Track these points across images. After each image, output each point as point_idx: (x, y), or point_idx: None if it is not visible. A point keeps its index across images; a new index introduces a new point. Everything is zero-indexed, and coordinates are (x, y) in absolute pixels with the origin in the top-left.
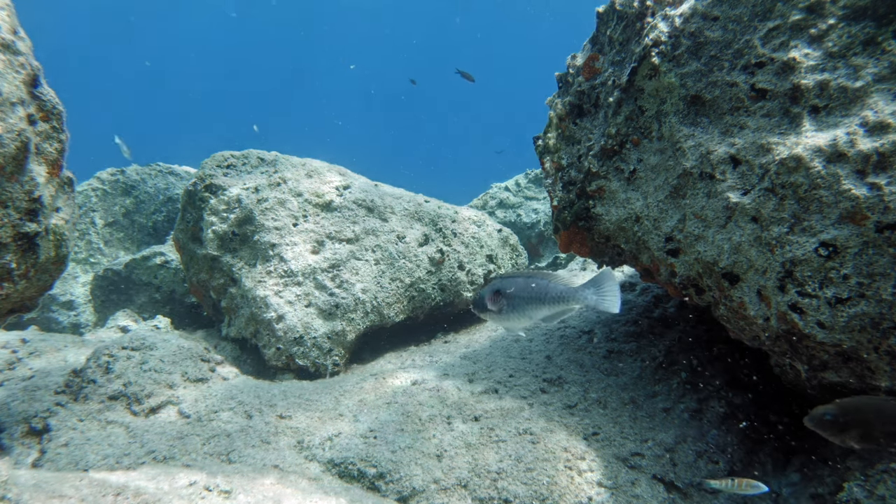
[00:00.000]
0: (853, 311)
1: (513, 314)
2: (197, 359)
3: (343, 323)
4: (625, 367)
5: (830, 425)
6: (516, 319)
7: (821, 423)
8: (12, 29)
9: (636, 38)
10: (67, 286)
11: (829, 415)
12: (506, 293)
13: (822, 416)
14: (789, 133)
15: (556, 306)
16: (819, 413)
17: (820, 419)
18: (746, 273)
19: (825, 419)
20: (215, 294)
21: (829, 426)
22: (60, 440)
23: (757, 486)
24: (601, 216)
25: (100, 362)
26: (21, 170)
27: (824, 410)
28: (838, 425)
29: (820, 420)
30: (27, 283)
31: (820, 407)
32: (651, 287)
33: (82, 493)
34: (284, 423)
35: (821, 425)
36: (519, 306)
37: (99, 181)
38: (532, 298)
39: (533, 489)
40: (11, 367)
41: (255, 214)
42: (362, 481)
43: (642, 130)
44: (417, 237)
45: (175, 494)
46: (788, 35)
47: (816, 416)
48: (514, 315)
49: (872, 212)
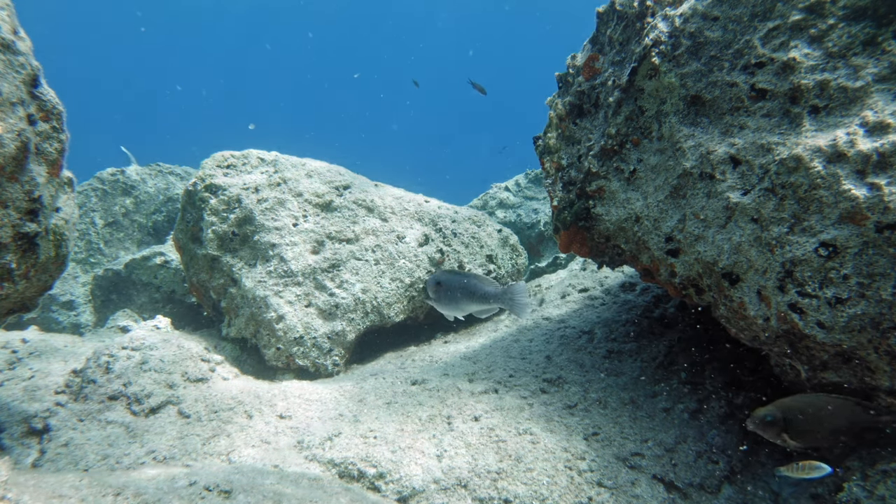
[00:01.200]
0: (853, 311)
1: (447, 303)
2: (197, 359)
3: (343, 323)
4: (625, 367)
5: (771, 426)
6: (449, 308)
7: (762, 424)
8: (12, 29)
9: (636, 38)
10: (67, 286)
11: (770, 416)
12: (443, 285)
13: (763, 418)
14: (789, 133)
15: (480, 304)
16: (760, 415)
17: (761, 421)
18: (746, 273)
19: (766, 420)
20: (215, 294)
21: (769, 427)
22: (60, 440)
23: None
24: (601, 216)
25: (100, 362)
26: (21, 170)
27: (765, 412)
28: (778, 426)
29: (761, 422)
30: (27, 283)
31: (761, 409)
32: (651, 287)
33: (82, 493)
34: (284, 422)
35: (762, 427)
36: (453, 298)
37: (99, 181)
38: (463, 294)
39: (533, 489)
40: (11, 367)
41: (255, 214)
42: (362, 481)
43: (642, 130)
44: (417, 237)
45: (175, 494)
46: (788, 35)
47: (757, 417)
48: (449, 304)
49: (872, 212)
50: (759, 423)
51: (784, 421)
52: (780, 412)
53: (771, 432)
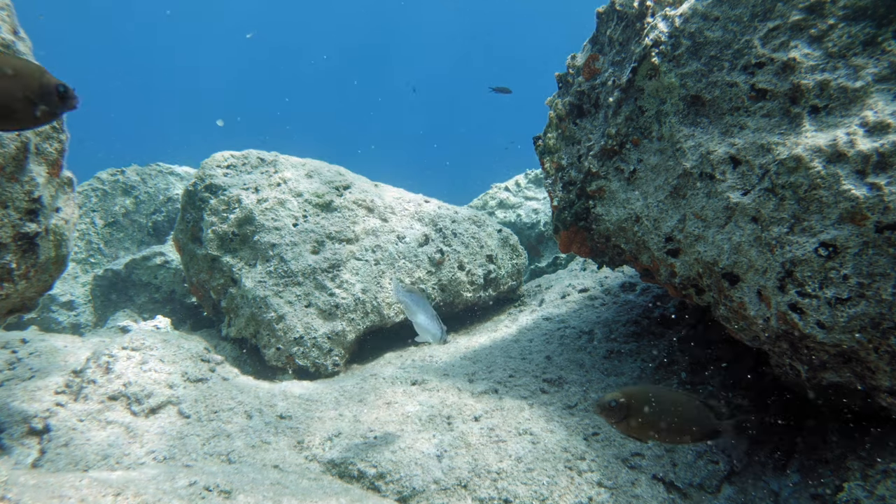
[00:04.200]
0: (853, 311)
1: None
2: (197, 359)
3: (343, 323)
4: (625, 367)
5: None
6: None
7: (606, 409)
8: (12, 29)
9: (636, 38)
10: (67, 286)
11: (614, 402)
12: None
13: (608, 403)
14: (789, 133)
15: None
16: (606, 400)
17: (606, 405)
18: (746, 273)
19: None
20: (215, 294)
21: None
22: (60, 440)
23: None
24: (601, 216)
25: (100, 362)
26: (21, 170)
27: (611, 397)
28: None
29: (606, 406)
30: (27, 284)
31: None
32: (651, 287)
33: (82, 493)
34: (284, 422)
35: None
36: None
37: (99, 181)
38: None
39: (533, 489)
40: (11, 367)
41: (255, 214)
42: (362, 481)
43: (642, 130)
44: (417, 237)
45: (175, 494)
46: (788, 35)
47: (603, 402)
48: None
49: (872, 212)
50: (603, 407)
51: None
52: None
53: (613, 418)
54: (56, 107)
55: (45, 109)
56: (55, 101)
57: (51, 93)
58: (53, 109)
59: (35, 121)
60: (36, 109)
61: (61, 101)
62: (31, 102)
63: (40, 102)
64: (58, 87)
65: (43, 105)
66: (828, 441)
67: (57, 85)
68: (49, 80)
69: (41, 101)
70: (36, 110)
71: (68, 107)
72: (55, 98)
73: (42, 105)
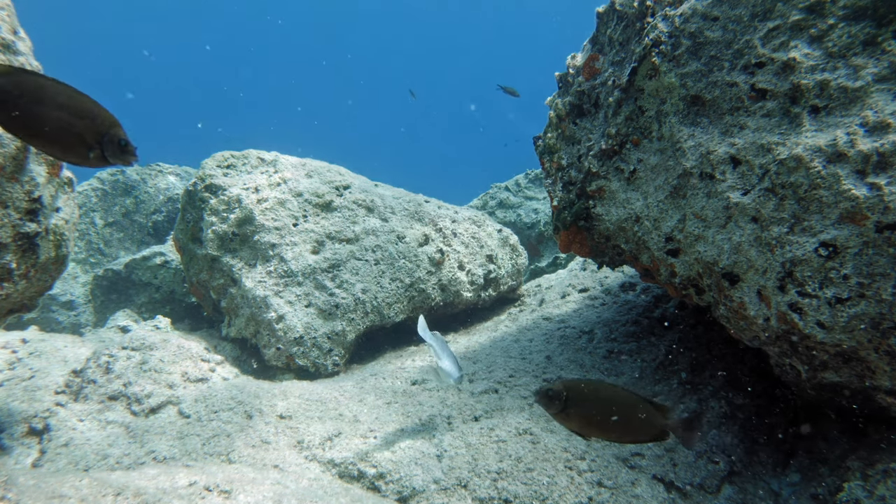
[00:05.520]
0: (853, 311)
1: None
2: (197, 359)
3: (343, 323)
4: (625, 367)
5: (551, 402)
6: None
7: (545, 399)
8: (12, 29)
9: (636, 38)
10: (67, 286)
11: (552, 391)
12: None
13: (546, 392)
14: (789, 133)
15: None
16: (544, 388)
17: (544, 395)
18: (746, 273)
19: (548, 395)
20: (215, 294)
21: (550, 403)
22: (60, 440)
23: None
24: (601, 216)
25: (100, 362)
26: (21, 170)
27: (549, 387)
28: (559, 403)
29: (544, 395)
30: (27, 283)
31: (547, 383)
32: (651, 287)
33: (82, 493)
34: (284, 422)
35: (544, 401)
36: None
37: (99, 181)
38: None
39: (533, 489)
40: (11, 367)
41: (255, 214)
42: (362, 481)
43: (642, 130)
44: (417, 237)
45: (175, 494)
46: (788, 35)
47: (542, 391)
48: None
49: (872, 212)
50: (541, 396)
51: (566, 400)
52: (563, 390)
53: (552, 409)
54: (112, 157)
55: (98, 154)
56: (114, 152)
57: (113, 143)
58: (109, 159)
59: (87, 160)
60: (91, 152)
61: (119, 154)
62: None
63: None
64: (121, 140)
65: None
66: (828, 441)
67: (121, 139)
68: (116, 133)
69: (101, 147)
70: (90, 153)
71: (124, 161)
72: (116, 149)
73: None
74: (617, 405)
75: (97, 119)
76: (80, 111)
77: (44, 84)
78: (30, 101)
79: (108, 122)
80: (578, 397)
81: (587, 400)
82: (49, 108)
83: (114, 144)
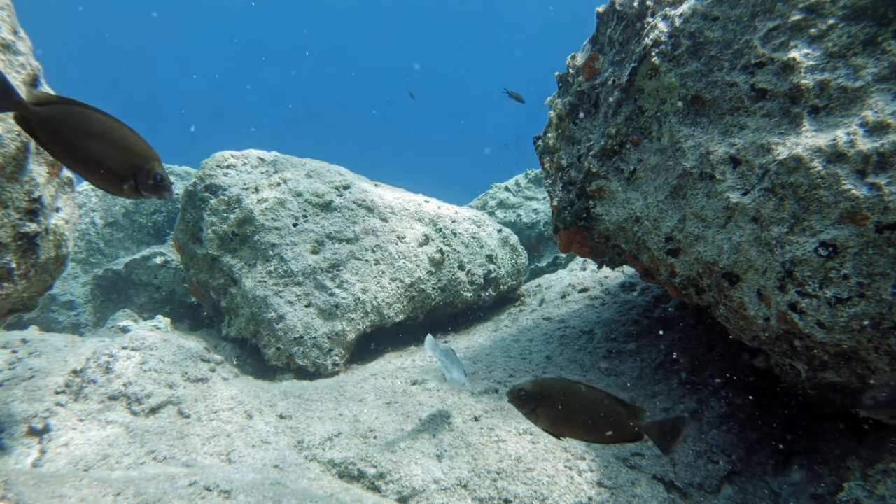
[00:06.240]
0: (853, 311)
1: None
2: (197, 359)
3: (343, 323)
4: (625, 367)
5: (523, 402)
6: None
7: (516, 397)
8: (12, 29)
9: (636, 38)
10: (67, 286)
11: (524, 391)
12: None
13: (517, 391)
14: (789, 133)
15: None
16: (517, 387)
17: (516, 394)
18: (746, 273)
19: (520, 394)
20: (215, 294)
21: (522, 403)
22: (60, 440)
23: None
24: (601, 216)
25: (100, 362)
26: (21, 170)
27: (520, 385)
28: (531, 403)
29: (516, 395)
30: (27, 283)
31: (520, 382)
32: (651, 287)
33: (82, 493)
34: (284, 422)
35: (516, 400)
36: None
37: None
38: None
39: (533, 489)
40: (11, 367)
41: (255, 214)
42: (362, 481)
43: (642, 130)
44: (417, 237)
45: (175, 494)
46: (788, 35)
47: (513, 390)
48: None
49: (872, 212)
50: (513, 396)
51: (538, 399)
52: (535, 389)
53: (524, 408)
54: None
55: (132, 186)
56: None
57: (148, 177)
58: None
59: (120, 191)
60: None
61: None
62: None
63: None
64: (157, 174)
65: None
66: (828, 441)
67: (157, 173)
68: (152, 168)
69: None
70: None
71: (157, 196)
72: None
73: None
74: (585, 405)
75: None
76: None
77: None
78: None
79: (145, 155)
80: (548, 397)
81: (557, 400)
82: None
83: (148, 178)
